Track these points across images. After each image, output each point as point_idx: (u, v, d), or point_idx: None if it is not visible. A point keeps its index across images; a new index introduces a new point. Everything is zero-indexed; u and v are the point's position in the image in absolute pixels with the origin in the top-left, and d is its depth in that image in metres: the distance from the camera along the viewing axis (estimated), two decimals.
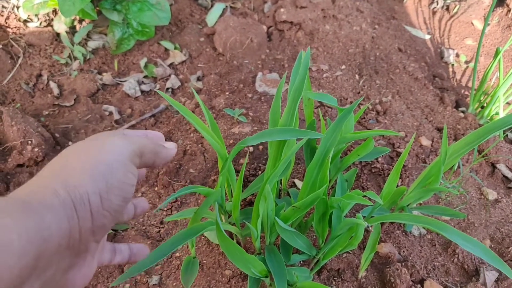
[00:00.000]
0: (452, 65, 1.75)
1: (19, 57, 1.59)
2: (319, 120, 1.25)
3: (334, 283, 0.91)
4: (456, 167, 1.16)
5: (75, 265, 0.42)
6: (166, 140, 1.22)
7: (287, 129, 0.69)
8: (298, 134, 0.68)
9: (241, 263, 0.70)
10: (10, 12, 1.66)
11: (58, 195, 0.37)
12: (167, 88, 1.54)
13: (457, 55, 1.79)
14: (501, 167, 1.22)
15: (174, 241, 0.66)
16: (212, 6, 1.83)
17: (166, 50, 1.67)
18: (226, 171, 0.78)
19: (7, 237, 0.31)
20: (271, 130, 0.70)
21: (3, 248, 0.31)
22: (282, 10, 1.69)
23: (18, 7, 1.66)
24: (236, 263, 0.69)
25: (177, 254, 0.99)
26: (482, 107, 1.43)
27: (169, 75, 1.59)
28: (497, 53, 1.31)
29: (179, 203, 1.11)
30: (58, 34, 1.67)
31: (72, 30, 1.68)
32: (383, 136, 1.26)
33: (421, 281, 0.93)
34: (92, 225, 0.40)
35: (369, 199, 0.95)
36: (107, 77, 1.58)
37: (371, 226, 0.78)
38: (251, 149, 1.18)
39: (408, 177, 1.15)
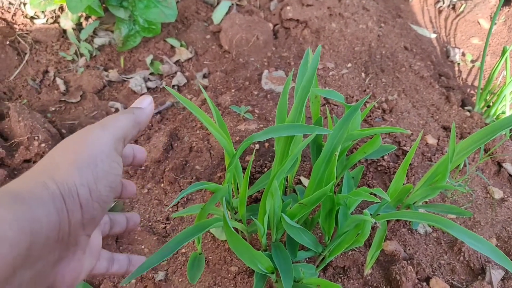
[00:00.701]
0: (458, 64, 1.75)
1: (26, 53, 1.60)
2: (325, 117, 1.25)
3: (339, 280, 0.92)
4: (462, 165, 1.16)
5: (64, 259, 0.42)
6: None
7: (294, 125, 0.69)
8: (305, 130, 0.68)
9: (249, 260, 0.71)
10: (17, 8, 1.66)
11: (47, 187, 0.37)
12: (173, 85, 1.54)
13: (463, 54, 1.78)
14: (507, 166, 1.22)
15: (181, 238, 0.66)
16: (218, 3, 1.83)
17: (172, 47, 1.67)
18: (233, 167, 0.79)
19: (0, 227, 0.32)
20: (278, 126, 0.70)
21: None
22: (288, 8, 1.69)
23: (24, 4, 1.67)
24: (243, 259, 0.70)
25: (183, 250, 1.00)
26: (488, 106, 1.42)
27: (175, 72, 1.60)
28: (504, 52, 1.31)
29: (185, 199, 1.11)
30: (64, 31, 1.67)
31: (78, 27, 1.68)
32: (389, 134, 1.26)
33: (427, 279, 0.93)
34: (82, 218, 0.40)
35: (375, 195, 0.95)
36: (113, 74, 1.58)
37: (378, 223, 0.78)
38: (257, 146, 1.18)
39: (414, 175, 1.14)
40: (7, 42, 1.58)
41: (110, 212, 0.57)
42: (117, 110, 1.46)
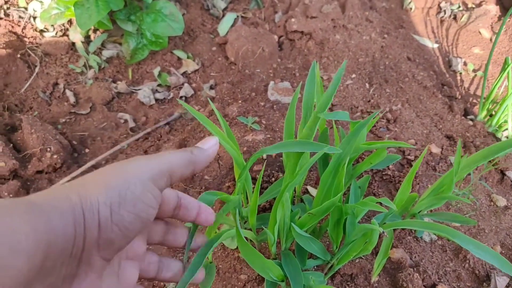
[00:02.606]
0: (460, 73, 1.77)
1: (36, 66, 1.63)
2: (331, 127, 1.27)
3: (347, 287, 0.94)
4: (466, 174, 1.18)
5: (75, 277, 0.40)
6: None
7: (304, 142, 0.71)
8: (315, 148, 0.71)
9: (260, 268, 0.73)
10: (26, 22, 1.70)
11: (69, 199, 0.37)
12: (181, 96, 1.57)
13: (465, 64, 1.81)
14: (511, 174, 1.24)
15: (201, 254, 0.66)
16: (223, 16, 1.87)
17: (179, 59, 1.70)
18: (243, 178, 0.81)
19: (15, 238, 0.31)
20: (289, 142, 0.72)
21: (12, 248, 0.31)
22: (292, 20, 1.72)
23: (34, 18, 1.71)
24: (255, 268, 0.72)
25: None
26: (491, 115, 1.45)
27: (182, 84, 1.63)
28: (506, 63, 1.33)
29: None
30: (73, 44, 1.71)
31: (87, 40, 1.72)
32: None
33: (433, 286, 0.95)
34: (98, 237, 0.39)
35: (382, 205, 0.97)
36: (121, 86, 1.61)
37: (385, 232, 0.81)
38: (264, 156, 1.21)
39: (418, 184, 1.17)
40: (18, 55, 1.61)
41: (163, 256, 0.55)
42: (126, 121, 1.49)
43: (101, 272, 0.43)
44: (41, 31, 1.71)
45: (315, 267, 0.96)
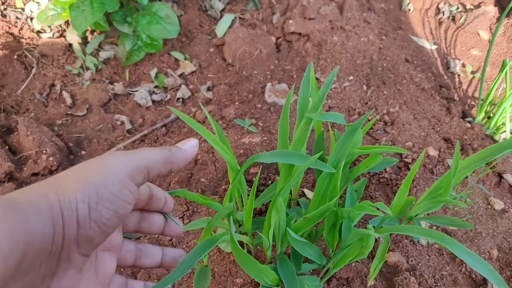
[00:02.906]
0: (458, 75, 1.77)
1: (32, 67, 1.63)
2: (328, 130, 1.27)
3: None
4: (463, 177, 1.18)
5: (55, 274, 0.40)
6: None
7: (297, 154, 0.70)
8: (307, 162, 0.70)
9: (255, 273, 0.72)
10: (23, 23, 1.69)
11: (47, 198, 0.37)
12: (178, 98, 1.57)
13: (463, 65, 1.80)
14: (508, 177, 1.24)
15: (192, 256, 0.67)
16: (221, 17, 1.87)
17: (176, 60, 1.70)
18: (237, 182, 0.81)
19: None
20: (283, 152, 0.71)
21: None
22: (290, 21, 1.71)
23: (31, 18, 1.70)
24: (249, 273, 0.71)
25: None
26: (489, 117, 1.44)
27: (180, 85, 1.62)
28: (503, 65, 1.33)
29: (190, 211, 1.13)
30: (70, 45, 1.70)
31: (84, 41, 1.71)
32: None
33: None
34: (77, 234, 0.39)
35: (378, 209, 0.97)
36: (118, 87, 1.61)
37: (380, 237, 0.80)
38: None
39: (415, 186, 1.16)
40: (15, 56, 1.61)
41: (142, 243, 0.55)
42: (122, 123, 1.49)
43: (80, 267, 0.43)
44: (38, 32, 1.70)
45: (311, 271, 0.95)
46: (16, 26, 1.68)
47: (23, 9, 1.71)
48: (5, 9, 1.68)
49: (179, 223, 0.58)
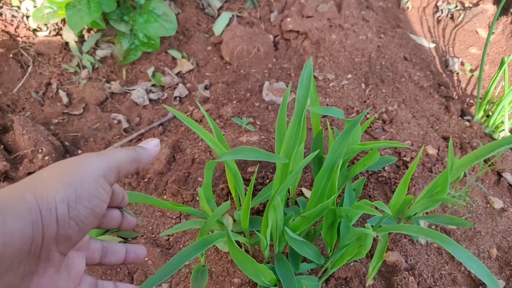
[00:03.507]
0: (457, 73, 1.76)
1: (28, 65, 1.62)
2: (326, 129, 1.26)
3: None
4: (462, 176, 1.17)
5: (34, 273, 0.41)
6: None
7: (250, 149, 0.69)
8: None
9: (252, 273, 0.72)
10: (19, 21, 1.68)
11: (25, 200, 0.38)
12: (175, 97, 1.56)
13: (462, 64, 1.80)
14: (507, 176, 1.23)
15: (185, 254, 0.67)
16: (218, 15, 1.85)
17: (174, 59, 1.69)
18: (209, 183, 0.80)
19: None
20: (245, 148, 0.70)
21: None
22: (288, 19, 1.71)
23: (27, 17, 1.69)
24: (247, 273, 0.71)
25: (186, 262, 1.00)
26: (488, 116, 1.44)
27: (177, 84, 1.61)
28: (502, 63, 1.32)
29: None
30: (67, 43, 1.69)
31: (80, 39, 1.70)
32: None
33: None
34: (57, 233, 0.40)
35: (376, 208, 0.96)
36: (115, 86, 1.59)
37: (379, 236, 0.80)
38: None
39: (414, 185, 1.16)
40: (10, 55, 1.59)
41: (105, 241, 0.57)
42: (119, 122, 1.48)
43: (59, 266, 0.44)
44: (34, 31, 1.69)
45: (309, 270, 0.95)
46: (12, 25, 1.67)
47: (19, 7, 1.69)
48: (0, 7, 1.67)
49: (133, 216, 0.59)
